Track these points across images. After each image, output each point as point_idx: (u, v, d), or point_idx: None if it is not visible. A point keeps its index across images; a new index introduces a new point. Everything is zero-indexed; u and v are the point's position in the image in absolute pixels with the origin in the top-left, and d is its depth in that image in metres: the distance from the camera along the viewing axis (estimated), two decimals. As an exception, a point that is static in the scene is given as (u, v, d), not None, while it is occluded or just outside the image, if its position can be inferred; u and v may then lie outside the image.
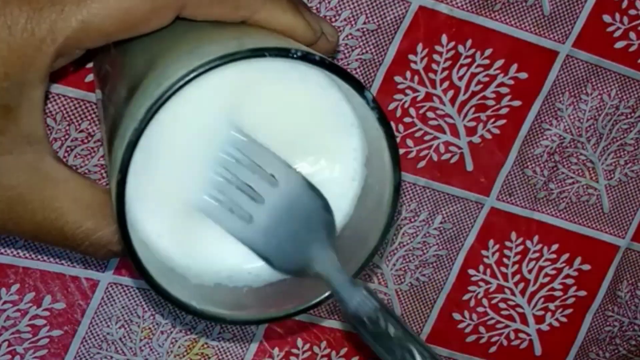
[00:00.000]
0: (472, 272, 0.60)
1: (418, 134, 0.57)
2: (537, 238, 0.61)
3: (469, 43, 0.56)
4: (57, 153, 0.51)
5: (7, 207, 0.39)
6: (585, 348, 0.63)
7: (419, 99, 0.56)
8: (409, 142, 0.57)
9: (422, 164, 0.58)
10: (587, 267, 0.62)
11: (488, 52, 0.56)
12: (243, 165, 0.39)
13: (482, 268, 0.60)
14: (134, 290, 0.55)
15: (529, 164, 0.59)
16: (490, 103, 0.57)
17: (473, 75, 0.56)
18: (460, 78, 0.56)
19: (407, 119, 0.57)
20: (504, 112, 0.58)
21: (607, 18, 0.57)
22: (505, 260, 0.61)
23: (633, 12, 0.57)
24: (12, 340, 0.54)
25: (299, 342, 0.59)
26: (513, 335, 0.62)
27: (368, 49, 0.55)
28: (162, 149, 0.39)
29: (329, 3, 0.53)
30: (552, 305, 0.62)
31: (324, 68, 0.37)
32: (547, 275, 0.61)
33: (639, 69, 0.59)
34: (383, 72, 0.55)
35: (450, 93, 0.56)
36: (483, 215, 0.59)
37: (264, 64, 0.38)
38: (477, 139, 0.58)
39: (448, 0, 0.55)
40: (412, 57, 0.55)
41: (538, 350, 0.63)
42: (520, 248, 0.61)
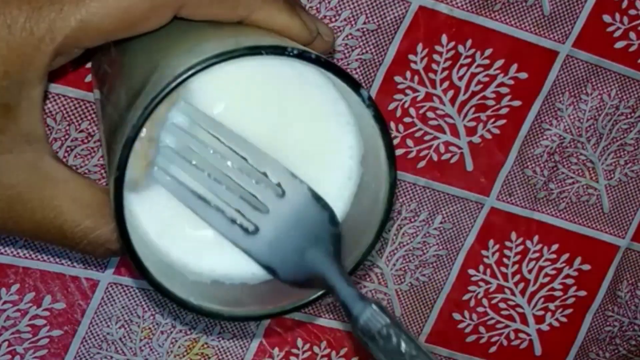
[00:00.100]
0: (472, 272, 0.60)
1: (418, 134, 0.57)
2: (537, 238, 0.61)
3: (469, 43, 0.56)
4: (57, 153, 0.51)
5: (6, 206, 0.39)
6: (585, 348, 0.63)
7: (419, 99, 0.56)
8: (409, 142, 0.57)
9: (422, 164, 0.58)
10: (587, 267, 0.62)
11: (488, 52, 0.56)
12: (246, 174, 0.39)
13: (482, 268, 0.60)
14: (134, 290, 0.56)
15: (529, 164, 0.59)
16: (490, 103, 0.57)
17: (473, 75, 0.56)
18: (460, 78, 0.56)
19: (407, 119, 0.57)
20: (504, 112, 0.58)
21: (607, 18, 0.57)
22: (505, 260, 0.61)
23: (633, 12, 0.57)
24: (12, 340, 0.54)
25: (299, 342, 0.59)
26: (513, 335, 0.62)
27: (368, 49, 0.55)
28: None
29: (329, 3, 0.53)
30: (552, 305, 0.62)
31: (320, 66, 0.37)
32: (547, 275, 0.61)
33: (639, 69, 0.59)
34: (383, 72, 0.55)
35: (450, 93, 0.56)
36: (483, 215, 0.59)
37: (261, 62, 0.38)
38: (477, 139, 0.58)
39: (448, 0, 0.55)
40: (412, 57, 0.55)
41: (538, 350, 0.63)
42: (520, 248, 0.61)
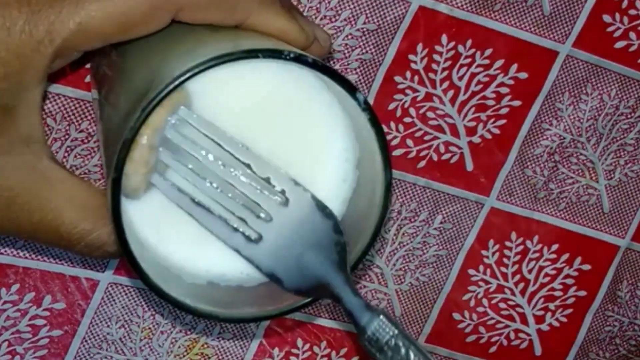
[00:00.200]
0: (472, 272, 0.60)
1: (418, 134, 0.57)
2: (537, 238, 0.61)
3: (469, 43, 0.56)
4: (57, 153, 0.51)
5: (4, 207, 0.39)
6: (585, 348, 0.63)
7: (419, 99, 0.56)
8: (409, 142, 0.57)
9: (422, 164, 0.58)
10: (587, 267, 0.62)
11: (488, 52, 0.56)
12: (250, 181, 0.39)
13: (482, 268, 0.60)
14: (134, 290, 0.56)
15: (529, 164, 0.59)
16: (490, 103, 0.57)
17: (473, 75, 0.56)
18: (460, 78, 0.56)
19: (407, 119, 0.57)
20: (504, 112, 0.58)
21: (607, 18, 0.57)
22: (505, 260, 0.61)
23: (633, 12, 0.57)
24: (12, 340, 0.54)
25: (299, 342, 0.59)
26: (513, 335, 0.62)
27: (368, 49, 0.55)
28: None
29: (329, 3, 0.53)
30: (552, 305, 0.62)
31: (317, 70, 0.37)
32: (547, 275, 0.61)
33: (639, 69, 0.58)
34: (383, 72, 0.55)
35: (450, 93, 0.56)
36: (483, 215, 0.59)
37: (258, 66, 0.38)
38: (477, 139, 0.58)
39: (448, 0, 0.55)
40: (412, 57, 0.55)
41: (538, 350, 0.63)
42: (520, 248, 0.61)
